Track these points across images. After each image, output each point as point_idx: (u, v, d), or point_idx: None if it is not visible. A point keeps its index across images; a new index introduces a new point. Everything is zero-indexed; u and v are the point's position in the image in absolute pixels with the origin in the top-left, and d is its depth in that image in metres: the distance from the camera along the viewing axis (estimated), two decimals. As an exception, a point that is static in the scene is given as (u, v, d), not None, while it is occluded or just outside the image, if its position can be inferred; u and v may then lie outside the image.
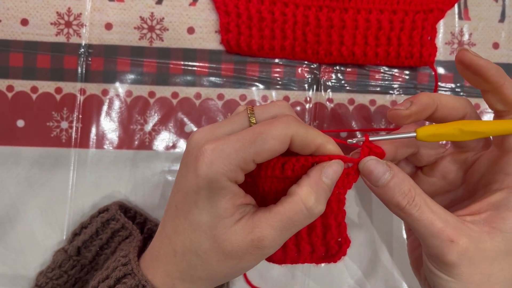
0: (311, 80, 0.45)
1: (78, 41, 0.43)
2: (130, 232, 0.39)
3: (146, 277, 0.30)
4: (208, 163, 0.28)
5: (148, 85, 0.43)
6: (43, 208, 0.42)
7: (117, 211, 0.40)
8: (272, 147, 0.28)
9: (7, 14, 0.42)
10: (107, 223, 0.40)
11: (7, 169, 0.42)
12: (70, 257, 0.40)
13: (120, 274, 0.31)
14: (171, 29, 0.43)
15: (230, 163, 0.28)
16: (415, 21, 0.43)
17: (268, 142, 0.28)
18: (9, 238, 0.42)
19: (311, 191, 0.29)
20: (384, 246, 0.45)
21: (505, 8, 0.46)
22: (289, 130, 0.29)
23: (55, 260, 0.40)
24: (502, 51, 0.46)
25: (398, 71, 0.45)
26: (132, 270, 0.31)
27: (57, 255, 0.41)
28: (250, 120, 0.31)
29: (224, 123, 0.31)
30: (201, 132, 0.30)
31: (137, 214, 0.42)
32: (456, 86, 0.46)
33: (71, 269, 0.40)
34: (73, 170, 0.43)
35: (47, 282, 0.40)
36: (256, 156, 0.28)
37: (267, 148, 0.28)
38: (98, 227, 0.40)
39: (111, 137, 0.43)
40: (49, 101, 0.43)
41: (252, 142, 0.28)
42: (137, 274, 0.30)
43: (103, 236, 0.40)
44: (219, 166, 0.28)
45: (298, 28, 0.43)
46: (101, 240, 0.40)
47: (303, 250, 0.33)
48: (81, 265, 0.40)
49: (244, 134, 0.29)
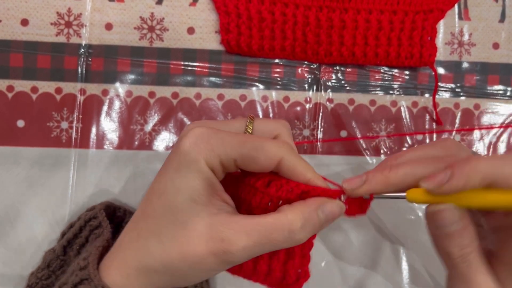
0: (311, 80, 0.45)
1: (78, 41, 0.43)
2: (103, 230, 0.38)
3: (102, 282, 0.28)
4: (192, 141, 0.27)
5: (148, 85, 0.43)
6: (43, 208, 0.42)
7: (100, 210, 0.39)
8: (257, 157, 0.27)
9: (7, 14, 0.42)
10: (89, 221, 0.39)
11: (7, 169, 0.42)
12: (58, 257, 0.39)
13: (77, 280, 0.29)
14: (171, 29, 0.43)
15: (213, 149, 0.27)
16: (415, 22, 0.43)
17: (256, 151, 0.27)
18: (9, 238, 0.42)
19: (302, 217, 0.27)
20: (384, 247, 0.45)
21: (505, 8, 0.46)
22: (280, 152, 0.28)
23: (44, 260, 0.40)
24: (502, 51, 0.46)
25: (398, 71, 0.45)
26: (89, 275, 0.29)
27: (46, 255, 0.40)
28: (247, 125, 0.31)
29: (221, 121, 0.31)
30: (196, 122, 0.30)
31: (126, 213, 0.42)
32: (456, 86, 0.46)
33: (58, 269, 0.39)
34: (73, 170, 0.43)
35: (37, 283, 0.39)
36: (240, 158, 0.28)
37: (253, 156, 0.27)
38: (82, 225, 0.39)
39: (111, 137, 0.43)
40: (49, 101, 0.43)
41: (241, 143, 0.28)
42: (94, 279, 0.28)
43: (83, 234, 0.39)
44: (201, 147, 0.27)
45: (298, 28, 0.43)
46: (81, 239, 0.38)
47: (259, 269, 0.31)
48: (68, 265, 0.39)
49: (236, 134, 0.28)
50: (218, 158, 0.27)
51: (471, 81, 0.46)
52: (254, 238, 0.27)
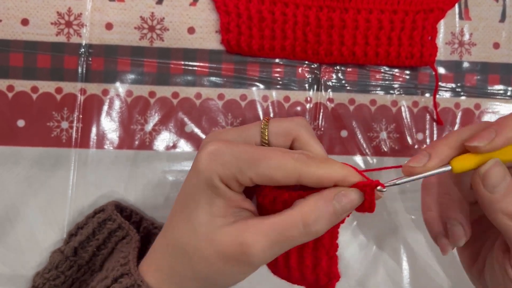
0: (311, 80, 0.45)
1: (78, 41, 0.43)
2: (126, 232, 0.39)
3: (142, 277, 0.30)
4: (206, 160, 0.28)
5: (149, 85, 0.43)
6: (43, 208, 0.42)
7: (113, 211, 0.40)
8: (274, 177, 0.27)
9: (7, 14, 0.42)
10: (103, 223, 0.40)
11: (7, 169, 0.42)
12: (67, 258, 0.40)
13: (118, 274, 0.31)
14: (171, 29, 0.43)
15: (226, 168, 0.27)
16: (416, 21, 0.43)
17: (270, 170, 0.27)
18: (9, 238, 0.42)
19: (315, 208, 0.27)
20: (384, 247, 0.45)
21: (506, 8, 0.46)
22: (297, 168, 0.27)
23: (51, 261, 0.40)
24: (502, 51, 0.46)
25: (399, 71, 0.45)
26: (129, 270, 0.31)
27: (54, 256, 0.40)
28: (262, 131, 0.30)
29: (236, 129, 0.30)
30: (212, 135, 0.30)
31: (132, 213, 0.42)
32: (457, 86, 0.46)
33: (68, 269, 0.40)
34: (73, 170, 0.43)
35: (44, 283, 0.40)
36: (255, 176, 0.27)
37: (268, 175, 0.27)
38: (95, 227, 0.40)
39: (111, 137, 0.43)
40: (50, 101, 0.42)
41: (256, 161, 0.27)
42: (134, 273, 0.30)
43: (100, 236, 0.40)
44: (215, 165, 0.27)
45: (298, 28, 0.43)
46: (98, 241, 0.40)
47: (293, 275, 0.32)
48: (78, 266, 0.40)
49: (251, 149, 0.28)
50: (233, 176, 0.27)
51: (471, 81, 0.46)
52: (271, 237, 0.27)
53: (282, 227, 0.27)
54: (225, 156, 0.27)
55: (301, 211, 0.27)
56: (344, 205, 0.28)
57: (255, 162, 0.27)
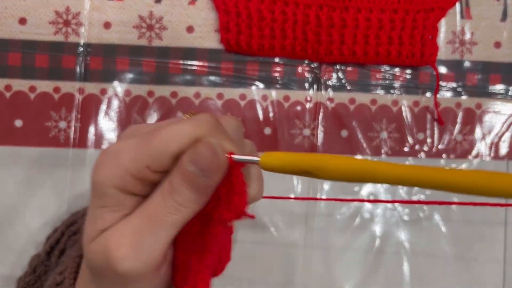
0: (311, 80, 0.44)
1: (76, 40, 0.42)
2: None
3: None
4: (98, 166, 0.23)
5: (147, 85, 0.43)
6: (41, 208, 0.42)
7: (82, 215, 0.37)
8: (170, 151, 0.22)
9: (5, 13, 0.42)
10: (69, 226, 0.38)
11: (5, 169, 0.42)
12: (42, 262, 0.38)
13: None
14: (170, 28, 0.43)
15: (119, 168, 0.22)
16: (416, 20, 0.43)
17: (164, 144, 0.22)
18: (8, 238, 0.42)
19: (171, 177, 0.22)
20: (384, 247, 0.45)
21: (507, 7, 0.45)
22: (195, 131, 0.22)
23: (30, 265, 0.39)
24: (503, 50, 0.45)
25: (399, 71, 0.45)
26: None
27: (32, 260, 0.39)
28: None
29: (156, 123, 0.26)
30: (130, 128, 0.25)
31: None
32: (458, 86, 0.45)
33: (43, 274, 0.38)
34: (71, 170, 0.42)
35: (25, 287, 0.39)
36: (151, 162, 0.22)
37: (163, 152, 0.22)
38: (63, 231, 0.38)
39: (109, 136, 0.43)
40: (48, 101, 0.42)
41: (147, 143, 0.22)
42: None
43: (63, 240, 0.37)
44: (106, 170, 0.22)
45: (298, 27, 0.42)
46: (61, 245, 0.37)
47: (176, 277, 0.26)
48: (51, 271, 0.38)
49: (148, 133, 0.23)
50: (128, 174, 0.22)
51: (472, 80, 0.45)
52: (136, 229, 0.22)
53: (144, 210, 0.23)
54: (118, 155, 0.22)
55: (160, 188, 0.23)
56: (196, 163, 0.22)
57: (145, 147, 0.22)
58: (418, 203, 0.45)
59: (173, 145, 0.22)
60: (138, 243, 0.22)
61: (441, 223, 0.45)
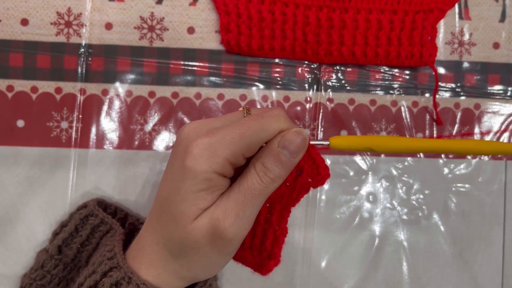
0: (311, 80, 0.45)
1: (78, 41, 0.43)
2: (110, 226, 0.39)
3: (132, 269, 0.30)
4: (196, 155, 0.28)
5: (148, 85, 0.43)
6: (43, 208, 0.42)
7: (95, 207, 0.40)
8: (262, 141, 0.29)
9: (7, 14, 0.42)
10: (86, 220, 0.39)
11: (7, 169, 0.42)
12: (52, 257, 0.39)
13: (106, 268, 0.31)
14: (171, 29, 0.43)
15: (218, 156, 0.28)
16: (415, 21, 0.43)
17: (258, 136, 0.28)
18: (9, 238, 0.42)
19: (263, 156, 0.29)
20: (384, 247, 0.45)
21: (506, 8, 0.46)
22: (279, 125, 0.29)
23: (37, 261, 0.40)
24: (502, 51, 0.46)
25: (399, 71, 0.45)
26: (118, 263, 0.31)
27: (39, 256, 0.40)
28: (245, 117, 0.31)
29: (218, 118, 0.31)
30: (192, 125, 0.30)
31: (117, 210, 0.42)
32: (457, 86, 0.46)
33: (53, 268, 0.39)
34: (73, 170, 0.43)
35: (31, 284, 0.39)
36: (246, 150, 0.29)
37: (256, 142, 0.29)
38: (77, 224, 0.39)
39: (111, 137, 0.43)
40: (49, 101, 0.42)
41: (242, 136, 0.28)
42: (123, 266, 0.30)
43: (83, 232, 0.39)
44: (206, 159, 0.28)
45: (298, 28, 0.43)
46: (81, 237, 0.39)
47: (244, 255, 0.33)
48: (64, 264, 0.40)
49: (234, 127, 0.29)
50: (226, 161, 0.28)
51: (471, 81, 0.46)
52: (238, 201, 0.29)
53: (243, 187, 0.29)
54: (212, 146, 0.28)
55: (253, 164, 0.29)
56: (287, 145, 0.29)
57: (240, 138, 0.28)
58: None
59: (265, 136, 0.29)
60: (241, 213, 0.28)
61: (440, 223, 0.45)
